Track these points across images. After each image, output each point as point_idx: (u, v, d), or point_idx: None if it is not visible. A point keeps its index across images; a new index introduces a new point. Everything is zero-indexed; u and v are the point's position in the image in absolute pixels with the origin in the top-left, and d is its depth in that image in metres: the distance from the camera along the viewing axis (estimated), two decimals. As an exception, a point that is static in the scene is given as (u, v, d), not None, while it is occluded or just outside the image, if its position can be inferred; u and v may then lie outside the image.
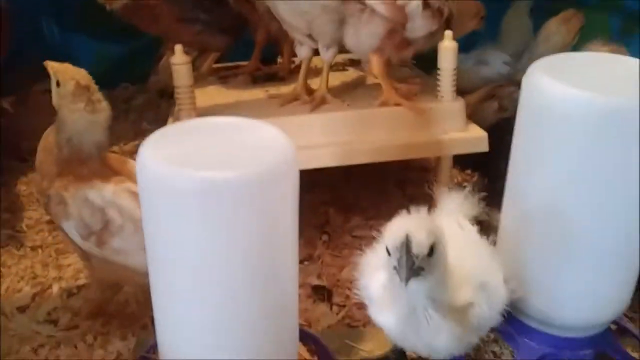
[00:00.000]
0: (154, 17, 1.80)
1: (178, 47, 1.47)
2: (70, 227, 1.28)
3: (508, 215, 1.17)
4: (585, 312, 1.13)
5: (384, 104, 1.60)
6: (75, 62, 2.60)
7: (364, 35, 1.54)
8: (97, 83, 2.54)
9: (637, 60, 1.07)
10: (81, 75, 1.28)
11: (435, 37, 1.61)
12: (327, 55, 1.58)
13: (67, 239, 1.33)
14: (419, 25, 1.55)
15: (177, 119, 1.54)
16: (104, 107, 1.28)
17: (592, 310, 1.13)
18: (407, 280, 0.92)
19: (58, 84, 1.27)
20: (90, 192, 1.25)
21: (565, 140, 0.99)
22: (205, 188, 0.88)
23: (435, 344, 1.02)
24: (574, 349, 1.17)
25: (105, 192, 1.26)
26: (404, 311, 1.01)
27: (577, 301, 1.12)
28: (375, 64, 1.59)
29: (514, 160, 1.12)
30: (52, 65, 1.28)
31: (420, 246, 0.92)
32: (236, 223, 0.91)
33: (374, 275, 1.08)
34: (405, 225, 0.93)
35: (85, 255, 1.33)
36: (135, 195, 1.23)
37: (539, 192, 1.06)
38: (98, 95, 1.28)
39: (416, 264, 0.92)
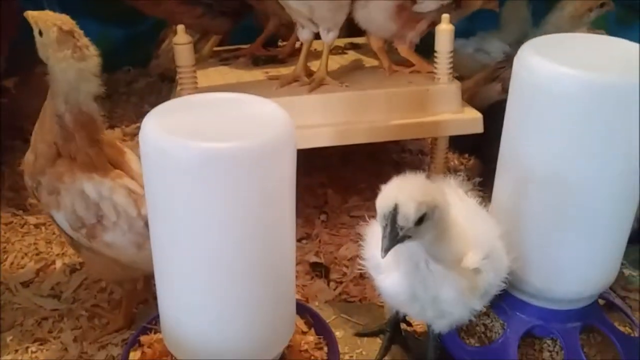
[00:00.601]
0: (156, 1, 1.80)
1: (180, 27, 1.49)
2: (61, 218, 1.25)
3: (500, 188, 1.20)
4: (575, 285, 1.17)
5: (391, 70, 1.70)
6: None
7: (374, 11, 1.58)
8: (101, 65, 2.56)
9: (628, 42, 1.10)
10: (63, 20, 1.19)
11: (452, 8, 1.64)
12: (327, 38, 1.60)
13: (55, 224, 1.30)
14: (429, 1, 1.58)
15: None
16: (92, 53, 1.20)
17: (582, 282, 1.17)
18: (386, 251, 0.94)
19: (40, 34, 1.19)
20: (87, 185, 1.22)
21: (554, 116, 1.02)
22: (206, 158, 0.91)
23: (442, 296, 1.04)
24: (562, 321, 1.20)
25: (102, 187, 1.23)
26: (408, 268, 1.02)
27: (568, 273, 1.15)
28: (374, 43, 1.65)
29: (506, 135, 1.15)
30: (31, 15, 1.19)
31: (406, 219, 0.93)
32: (235, 193, 0.94)
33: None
34: (396, 193, 0.94)
35: (73, 243, 1.32)
36: (131, 192, 1.23)
37: (532, 166, 1.09)
38: (84, 40, 1.20)
39: (400, 234, 0.94)
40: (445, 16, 1.58)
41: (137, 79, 2.65)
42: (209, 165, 0.92)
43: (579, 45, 1.11)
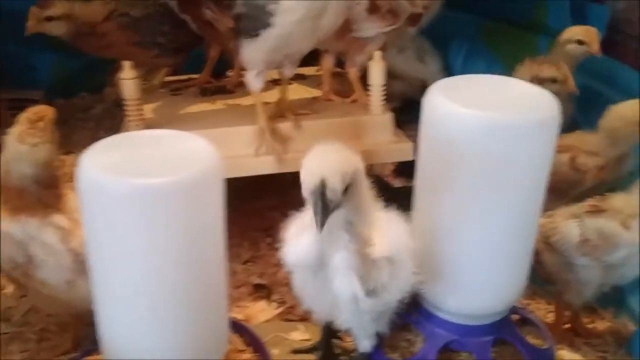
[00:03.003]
0: (107, 44, 1.86)
1: (127, 63, 1.58)
2: None
3: (417, 211, 1.31)
4: (484, 303, 1.28)
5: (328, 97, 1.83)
6: (35, 72, 2.68)
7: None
8: (56, 92, 2.61)
9: (524, 82, 1.23)
10: (41, 109, 1.30)
11: (397, 33, 1.77)
12: (291, 71, 1.69)
13: None
14: (367, 27, 1.70)
15: (126, 131, 1.65)
16: (45, 146, 1.26)
17: (490, 300, 1.28)
18: (322, 225, 1.00)
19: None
20: (12, 226, 1.25)
21: (455, 151, 1.14)
22: (135, 193, 1.00)
23: (334, 261, 1.09)
24: (476, 335, 1.32)
25: (28, 227, 1.25)
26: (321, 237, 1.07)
27: (478, 293, 1.27)
28: (326, 63, 1.79)
29: (420, 165, 1.26)
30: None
31: (334, 192, 0.98)
32: (164, 225, 1.03)
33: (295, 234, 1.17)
34: (319, 168, 1.00)
35: (14, 281, 1.36)
36: (60, 229, 1.27)
37: (440, 196, 1.21)
38: (45, 133, 1.27)
39: (330, 207, 1.00)
40: (378, 53, 1.69)
41: (93, 105, 2.70)
42: (138, 200, 1.01)
43: (480, 85, 1.24)
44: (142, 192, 1.00)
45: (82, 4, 1.86)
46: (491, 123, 1.11)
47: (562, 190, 1.61)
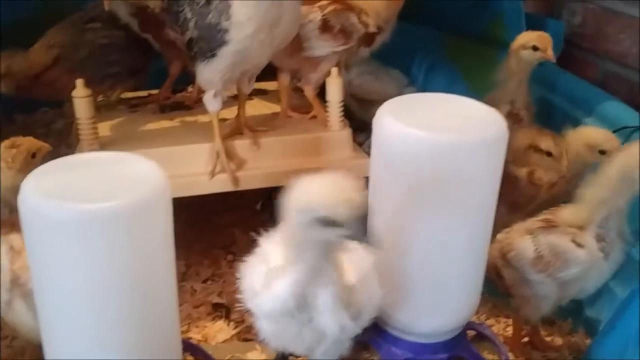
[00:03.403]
0: (56, 90, 1.83)
1: (79, 82, 1.56)
2: None
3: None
4: (437, 321, 1.29)
5: (285, 114, 1.84)
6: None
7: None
8: (17, 107, 2.56)
9: (474, 101, 1.24)
10: (23, 140, 1.41)
11: (351, 53, 1.78)
12: (249, 88, 1.70)
13: None
14: (319, 46, 1.70)
15: (80, 150, 1.63)
16: (11, 172, 1.33)
17: (443, 318, 1.29)
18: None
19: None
20: None
21: (399, 170, 1.15)
22: (77, 219, 0.98)
23: (320, 300, 1.05)
24: (431, 353, 1.32)
25: None
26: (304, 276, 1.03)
27: (431, 312, 1.27)
28: (281, 81, 1.80)
29: (371, 187, 1.27)
30: None
31: (363, 207, 0.95)
32: (110, 250, 1.01)
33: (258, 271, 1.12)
34: (336, 194, 0.95)
35: None
36: (12, 249, 1.27)
37: (388, 218, 1.21)
38: (16, 161, 1.35)
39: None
40: (334, 69, 1.70)
41: (54, 120, 2.66)
42: (79, 226, 0.98)
43: (430, 105, 1.24)
44: (82, 218, 0.98)
45: (21, 57, 1.84)
46: (438, 143, 1.12)
47: (521, 204, 1.65)
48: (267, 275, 1.09)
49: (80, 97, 1.56)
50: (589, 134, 1.59)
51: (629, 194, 1.31)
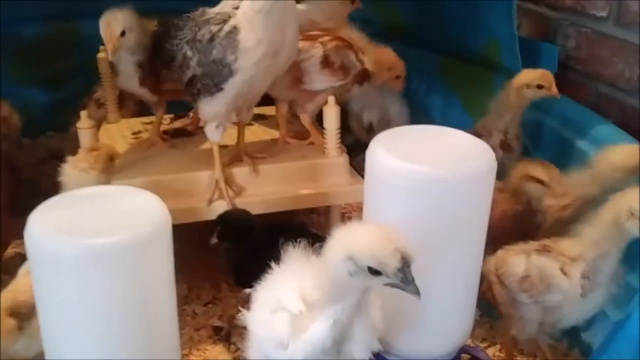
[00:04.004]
0: None
1: (83, 113, 1.61)
2: None
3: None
4: (430, 346, 1.32)
5: (284, 140, 1.88)
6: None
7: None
8: (22, 131, 2.61)
9: (463, 132, 1.28)
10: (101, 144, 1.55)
11: (345, 89, 1.83)
12: (248, 117, 1.75)
13: None
14: (319, 80, 1.75)
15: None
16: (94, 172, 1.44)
17: (436, 344, 1.32)
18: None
19: None
20: None
21: (392, 202, 1.18)
22: (83, 253, 1.03)
23: (358, 336, 1.06)
24: (425, 377, 1.35)
25: None
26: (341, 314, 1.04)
27: (423, 337, 1.30)
28: (279, 108, 1.85)
29: (364, 218, 1.31)
30: None
31: (412, 256, 0.97)
32: (113, 282, 1.06)
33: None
34: (385, 245, 0.96)
35: None
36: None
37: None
38: (97, 162, 1.46)
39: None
40: (331, 97, 1.75)
41: (60, 144, 2.70)
42: (85, 260, 1.03)
43: (421, 137, 1.29)
44: (86, 253, 1.02)
45: None
46: (429, 176, 1.16)
47: (532, 235, 1.59)
48: (295, 322, 1.07)
49: (84, 128, 1.61)
50: (620, 153, 1.54)
51: (621, 240, 1.31)
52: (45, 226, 1.06)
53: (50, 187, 2.24)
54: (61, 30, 2.71)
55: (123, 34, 1.63)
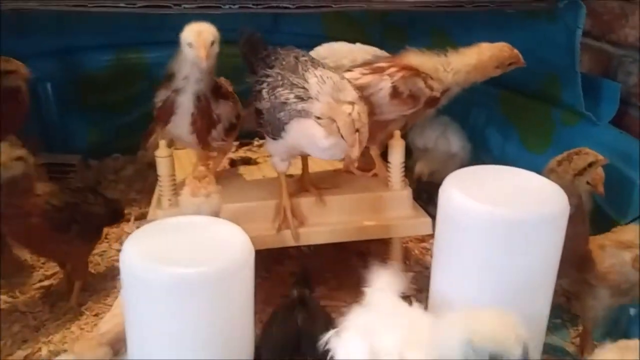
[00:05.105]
0: None
1: (162, 142, 1.69)
2: None
3: (434, 294, 1.37)
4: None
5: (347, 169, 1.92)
6: (70, 132, 2.82)
7: None
8: (89, 153, 2.73)
9: (532, 173, 1.31)
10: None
11: (417, 115, 1.87)
12: None
13: None
14: (389, 111, 1.79)
15: (158, 203, 1.75)
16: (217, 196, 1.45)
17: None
18: None
19: None
20: None
21: (465, 241, 1.21)
22: (174, 282, 1.09)
23: None
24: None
25: None
26: None
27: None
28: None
29: (435, 258, 1.34)
30: None
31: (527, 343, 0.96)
32: (199, 309, 1.12)
33: None
34: (506, 331, 0.96)
35: None
36: None
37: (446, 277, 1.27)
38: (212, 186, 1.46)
39: None
40: (397, 132, 1.79)
41: (125, 166, 2.81)
42: (175, 288, 1.10)
43: (493, 177, 1.32)
44: (176, 281, 1.09)
45: None
46: (502, 217, 1.18)
47: (623, 291, 1.55)
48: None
49: (163, 156, 1.69)
50: None
51: None
52: (139, 254, 1.13)
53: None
54: (130, 58, 2.84)
55: (212, 44, 1.64)
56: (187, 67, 1.68)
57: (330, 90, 1.49)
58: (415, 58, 1.85)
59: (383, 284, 1.28)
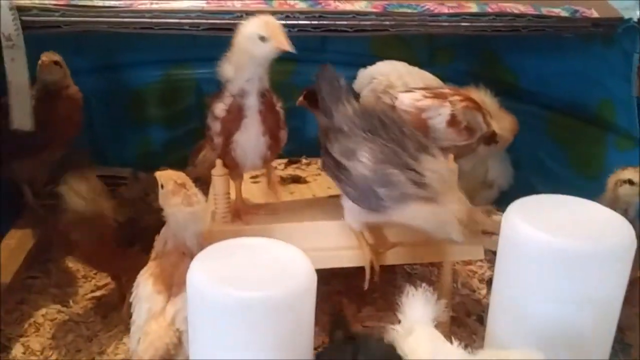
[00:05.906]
0: None
1: (219, 161, 1.72)
2: None
3: (492, 329, 1.36)
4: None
5: None
6: (120, 145, 2.88)
7: None
8: (137, 165, 2.79)
9: (598, 205, 1.29)
10: (179, 175, 1.49)
11: (468, 149, 1.86)
12: None
13: None
14: (443, 137, 1.79)
15: (213, 218, 1.78)
16: (199, 200, 1.45)
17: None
18: None
19: (162, 187, 1.49)
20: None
21: (526, 271, 1.20)
22: (240, 305, 1.11)
23: None
24: None
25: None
26: None
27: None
28: None
29: (496, 283, 1.33)
30: (158, 174, 1.52)
31: None
32: (264, 330, 1.14)
33: None
34: None
35: None
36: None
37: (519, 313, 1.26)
38: (194, 190, 1.46)
39: None
40: (450, 155, 1.78)
41: (171, 178, 2.86)
42: (240, 310, 1.11)
43: (557, 207, 1.30)
44: (242, 304, 1.11)
45: None
46: (567, 249, 1.17)
47: None
48: None
49: (219, 175, 1.72)
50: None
51: None
52: (205, 275, 1.15)
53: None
54: (180, 73, 2.90)
55: None
56: (251, 67, 1.61)
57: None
58: (479, 95, 1.85)
59: (418, 313, 1.29)
